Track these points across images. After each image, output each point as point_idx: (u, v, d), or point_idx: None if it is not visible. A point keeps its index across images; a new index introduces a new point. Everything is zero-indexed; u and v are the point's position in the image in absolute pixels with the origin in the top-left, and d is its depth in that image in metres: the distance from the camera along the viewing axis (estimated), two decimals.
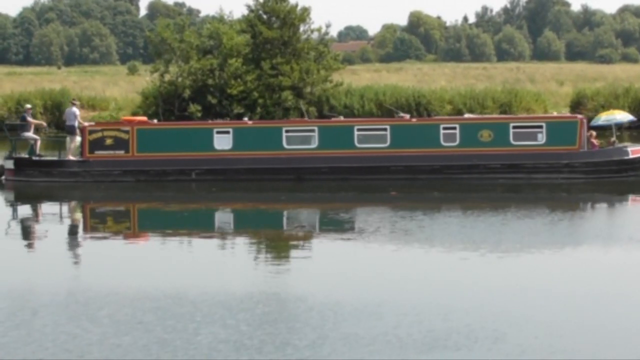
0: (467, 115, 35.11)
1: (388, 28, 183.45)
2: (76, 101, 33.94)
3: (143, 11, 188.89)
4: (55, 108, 52.11)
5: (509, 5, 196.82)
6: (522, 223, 22.39)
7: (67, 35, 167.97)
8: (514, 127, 30.37)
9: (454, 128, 30.42)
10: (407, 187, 29.39)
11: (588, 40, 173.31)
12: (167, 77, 49.58)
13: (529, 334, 12.48)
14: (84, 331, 12.72)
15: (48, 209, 27.40)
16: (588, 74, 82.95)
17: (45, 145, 32.48)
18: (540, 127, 30.35)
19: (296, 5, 49.59)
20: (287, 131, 30.85)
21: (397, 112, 36.41)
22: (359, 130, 30.73)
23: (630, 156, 30.26)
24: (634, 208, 27.55)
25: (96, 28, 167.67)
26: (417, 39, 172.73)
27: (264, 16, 49.56)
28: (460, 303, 14.11)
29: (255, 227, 23.49)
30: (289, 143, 30.63)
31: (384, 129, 30.68)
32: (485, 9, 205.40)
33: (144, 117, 35.65)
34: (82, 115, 32.65)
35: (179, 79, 49.05)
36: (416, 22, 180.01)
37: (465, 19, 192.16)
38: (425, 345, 11.93)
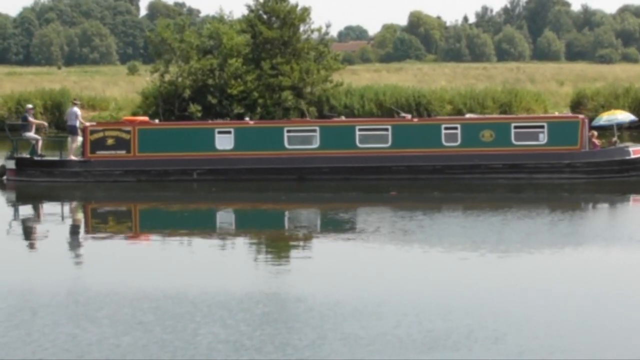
0: (468, 115, 35.10)
1: (388, 28, 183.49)
2: (77, 101, 33.90)
3: (143, 11, 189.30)
4: (55, 108, 52.12)
5: (509, 5, 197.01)
6: (523, 223, 22.39)
7: (67, 35, 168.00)
8: (516, 127, 30.34)
9: (456, 128, 30.40)
10: (408, 187, 29.39)
11: (588, 40, 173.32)
12: (167, 77, 49.51)
13: (529, 334, 12.48)
14: (83, 331, 12.72)
15: (49, 209, 27.41)
16: (588, 74, 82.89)
17: (45, 145, 32.45)
18: (542, 127, 30.32)
19: (296, 5, 49.55)
20: (289, 131, 30.81)
21: (399, 112, 36.42)
22: (360, 130, 30.70)
23: (632, 156, 30.22)
24: (636, 208, 27.55)
25: (96, 28, 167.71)
26: (417, 39, 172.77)
27: (264, 16, 49.51)
28: (460, 303, 14.11)
29: (256, 227, 23.49)
30: (291, 143, 30.60)
31: (386, 129, 30.66)
32: (485, 9, 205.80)
33: (146, 117, 35.59)
34: (82, 115, 32.61)
35: (179, 79, 49.00)
36: (416, 22, 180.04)
37: (465, 19, 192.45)
38: (425, 345, 11.93)
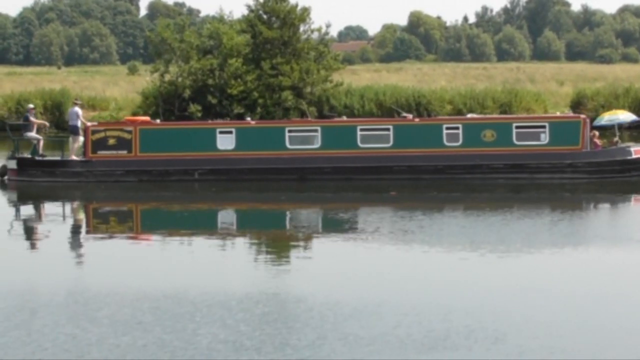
0: (469, 115, 35.09)
1: (388, 28, 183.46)
2: (78, 101, 33.87)
3: (143, 11, 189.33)
4: (55, 108, 52.13)
5: (509, 5, 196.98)
6: (523, 223, 22.39)
7: (67, 35, 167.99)
8: (517, 127, 30.32)
9: (457, 128, 30.39)
10: (409, 187, 29.39)
11: (588, 40, 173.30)
12: (167, 77, 49.53)
13: (529, 334, 12.48)
14: (83, 331, 12.71)
15: (50, 209, 27.41)
16: (588, 74, 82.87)
17: (46, 145, 32.44)
18: (543, 127, 30.31)
19: (296, 5, 49.56)
20: (290, 131, 30.80)
21: (400, 112, 36.40)
22: (362, 130, 30.69)
23: (633, 156, 30.21)
24: (637, 208, 27.57)
25: (96, 28, 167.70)
26: (417, 39, 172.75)
27: (264, 16, 49.52)
28: (460, 303, 14.10)
29: (257, 227, 23.49)
30: (292, 143, 30.59)
31: (387, 129, 30.66)
32: (485, 9, 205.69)
33: (147, 117, 35.56)
34: (82, 115, 32.57)
35: (179, 79, 49.01)
36: (416, 22, 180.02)
37: (465, 19, 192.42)
38: (425, 345, 11.92)
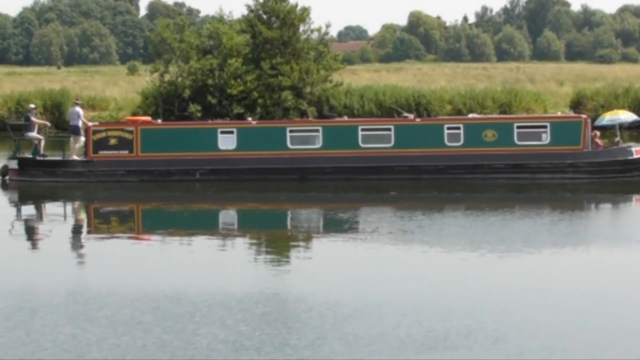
0: (470, 115, 35.09)
1: (388, 28, 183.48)
2: (79, 101, 33.85)
3: (143, 11, 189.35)
4: (55, 108, 52.10)
5: (508, 5, 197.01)
6: (523, 223, 22.38)
7: (67, 35, 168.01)
8: (518, 127, 30.31)
9: (458, 128, 30.39)
10: (410, 187, 29.38)
11: (588, 40, 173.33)
12: (167, 77, 49.49)
13: (529, 334, 12.47)
14: (83, 331, 12.70)
15: (52, 209, 27.38)
16: (588, 74, 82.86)
17: (46, 145, 32.44)
18: (545, 127, 30.31)
19: (296, 5, 49.51)
20: (291, 131, 30.80)
21: (401, 112, 36.40)
22: (363, 130, 30.68)
23: (635, 156, 30.19)
24: (638, 208, 27.57)
25: (96, 28, 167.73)
26: (417, 39, 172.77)
27: (264, 16, 49.48)
28: (460, 303, 14.10)
29: (258, 227, 23.48)
30: (293, 143, 30.59)
31: (388, 129, 30.66)
32: (485, 9, 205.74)
33: (148, 117, 35.54)
34: (83, 115, 32.54)
35: (179, 79, 48.97)
36: (416, 22, 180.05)
37: (465, 19, 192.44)
38: (425, 345, 11.92)
